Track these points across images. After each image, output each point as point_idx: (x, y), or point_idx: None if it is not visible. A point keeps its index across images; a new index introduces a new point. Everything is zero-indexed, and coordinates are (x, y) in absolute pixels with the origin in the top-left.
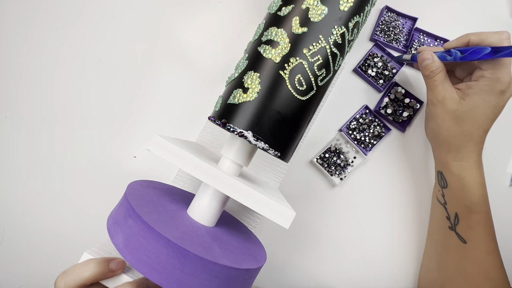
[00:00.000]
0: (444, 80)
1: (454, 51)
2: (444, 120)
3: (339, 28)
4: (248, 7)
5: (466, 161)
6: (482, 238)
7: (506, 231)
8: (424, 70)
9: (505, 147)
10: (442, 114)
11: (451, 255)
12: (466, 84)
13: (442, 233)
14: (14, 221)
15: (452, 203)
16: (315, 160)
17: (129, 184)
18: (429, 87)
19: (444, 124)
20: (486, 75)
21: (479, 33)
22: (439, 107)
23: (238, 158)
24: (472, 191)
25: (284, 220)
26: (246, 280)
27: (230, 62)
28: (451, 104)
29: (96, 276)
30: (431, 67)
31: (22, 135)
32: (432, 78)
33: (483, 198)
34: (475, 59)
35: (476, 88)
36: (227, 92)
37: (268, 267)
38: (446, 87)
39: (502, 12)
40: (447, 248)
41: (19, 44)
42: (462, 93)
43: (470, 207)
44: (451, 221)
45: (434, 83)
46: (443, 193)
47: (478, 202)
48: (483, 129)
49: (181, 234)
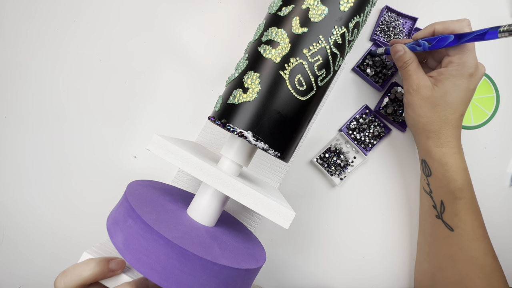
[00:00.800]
0: (417, 69)
1: (422, 42)
2: (421, 107)
3: (339, 28)
4: (248, 7)
5: (447, 147)
6: (469, 224)
7: (506, 231)
8: (397, 62)
9: (505, 147)
10: (418, 101)
11: (439, 244)
12: (437, 71)
13: (430, 223)
14: (14, 221)
15: (437, 191)
16: (315, 160)
17: (129, 184)
18: (404, 77)
19: (421, 111)
20: (454, 61)
21: (443, 22)
22: (415, 95)
23: (238, 158)
24: (455, 176)
25: (284, 220)
26: (245, 280)
27: (230, 62)
28: (425, 91)
29: (95, 276)
30: (404, 58)
31: (22, 135)
32: (405, 68)
33: (467, 183)
34: (441, 47)
35: (446, 73)
36: (227, 92)
37: (268, 267)
38: (420, 76)
39: (502, 12)
40: (436, 238)
41: (19, 44)
42: (435, 80)
43: (454, 192)
44: (437, 209)
45: (408, 73)
46: (428, 182)
47: (461, 187)
48: (458, 113)
49: (181, 234)
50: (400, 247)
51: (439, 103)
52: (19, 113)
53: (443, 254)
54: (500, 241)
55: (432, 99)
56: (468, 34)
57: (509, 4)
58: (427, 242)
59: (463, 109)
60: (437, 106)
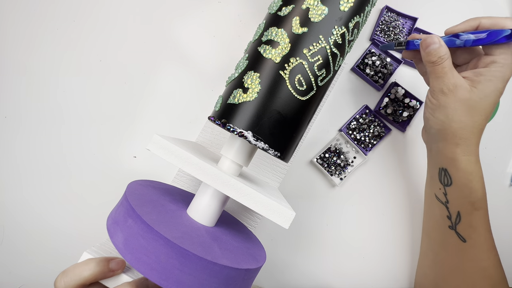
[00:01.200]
0: (452, 67)
1: (465, 35)
2: (456, 110)
3: (339, 28)
4: (248, 7)
5: (473, 155)
6: (482, 236)
7: (505, 231)
8: (430, 56)
9: (505, 147)
10: (453, 103)
11: (448, 254)
12: (474, 72)
13: (440, 232)
14: (14, 221)
15: (455, 202)
16: (315, 160)
17: (129, 184)
18: (437, 75)
19: (455, 115)
20: (498, 61)
21: (491, 17)
22: (451, 96)
23: (238, 158)
24: (477, 186)
25: (284, 220)
26: (245, 280)
27: (230, 62)
28: (463, 92)
29: (95, 276)
30: (439, 52)
31: (22, 135)
32: (440, 64)
33: (484, 193)
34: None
35: (488, 74)
36: (227, 92)
37: (268, 267)
38: (455, 74)
39: (502, 12)
40: (445, 247)
41: (18, 44)
42: (471, 81)
43: (474, 203)
44: (452, 220)
45: (443, 70)
46: (445, 191)
47: (481, 197)
48: (486, 119)
49: (181, 234)
50: (400, 247)
51: (476, 107)
52: (19, 113)
53: (451, 264)
54: (500, 241)
55: (470, 102)
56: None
57: (509, 4)
58: (434, 251)
59: (490, 115)
60: (474, 110)
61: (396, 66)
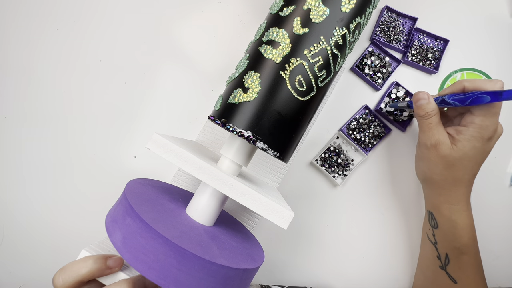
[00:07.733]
0: (439, 123)
1: (452, 102)
2: (437, 164)
3: (340, 29)
4: (248, 7)
5: (457, 205)
6: (472, 278)
7: (506, 231)
8: (419, 110)
9: (505, 147)
10: (435, 158)
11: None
12: (456, 129)
13: (432, 271)
14: (14, 221)
15: (442, 244)
16: (315, 161)
17: (128, 182)
18: (423, 129)
19: (436, 168)
20: (476, 122)
21: (473, 80)
22: (432, 151)
23: (238, 158)
24: (462, 233)
25: (283, 221)
26: (243, 280)
27: (230, 62)
28: (444, 148)
29: (93, 273)
30: (427, 108)
31: (22, 135)
32: (427, 119)
33: (472, 239)
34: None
35: (466, 134)
36: (227, 91)
37: (268, 267)
38: (440, 131)
39: (502, 12)
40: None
41: (19, 44)
42: (452, 139)
43: (460, 248)
44: (442, 261)
45: (429, 126)
46: (434, 233)
47: (467, 244)
48: (472, 174)
49: (179, 233)
50: (400, 247)
51: (455, 164)
52: (19, 113)
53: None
54: (500, 241)
55: (450, 158)
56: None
57: (509, 4)
58: None
59: (477, 170)
60: (453, 166)
61: (395, 65)
